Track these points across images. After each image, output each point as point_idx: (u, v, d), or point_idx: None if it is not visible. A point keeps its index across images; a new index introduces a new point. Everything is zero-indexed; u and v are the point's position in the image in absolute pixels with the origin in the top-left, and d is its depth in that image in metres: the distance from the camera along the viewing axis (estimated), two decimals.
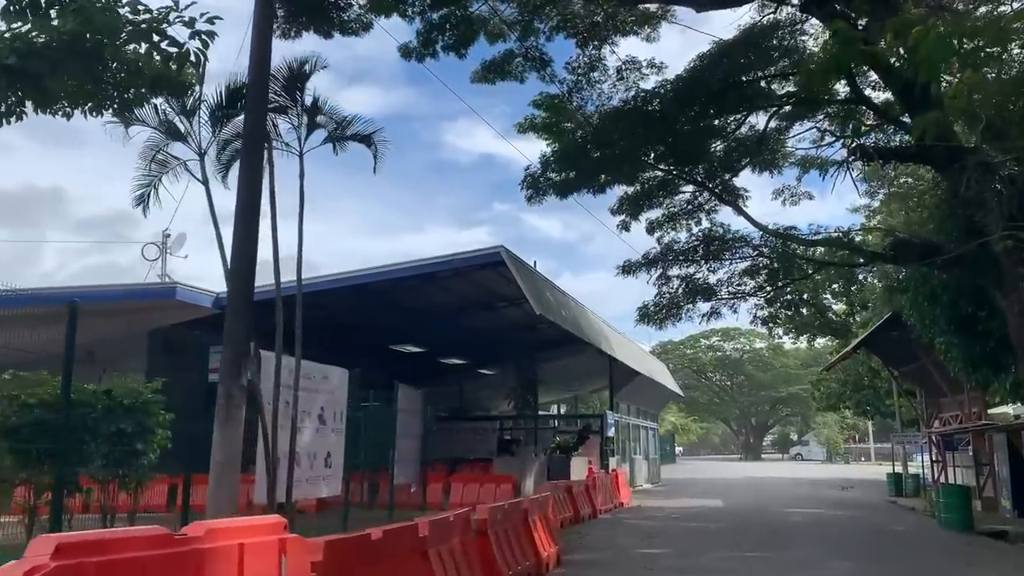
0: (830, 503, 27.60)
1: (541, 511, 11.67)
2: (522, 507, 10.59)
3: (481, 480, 21.25)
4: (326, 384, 13.93)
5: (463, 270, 21.13)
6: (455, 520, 7.91)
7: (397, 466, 17.97)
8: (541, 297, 20.39)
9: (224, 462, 7.21)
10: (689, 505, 25.97)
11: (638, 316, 21.49)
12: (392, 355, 28.86)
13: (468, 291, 23.61)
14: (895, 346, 28.62)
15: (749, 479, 46.75)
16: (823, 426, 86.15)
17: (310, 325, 24.48)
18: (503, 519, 9.43)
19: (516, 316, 25.81)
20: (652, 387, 37.96)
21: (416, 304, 24.14)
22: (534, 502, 11.29)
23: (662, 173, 22.03)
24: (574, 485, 19.07)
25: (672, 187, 22.71)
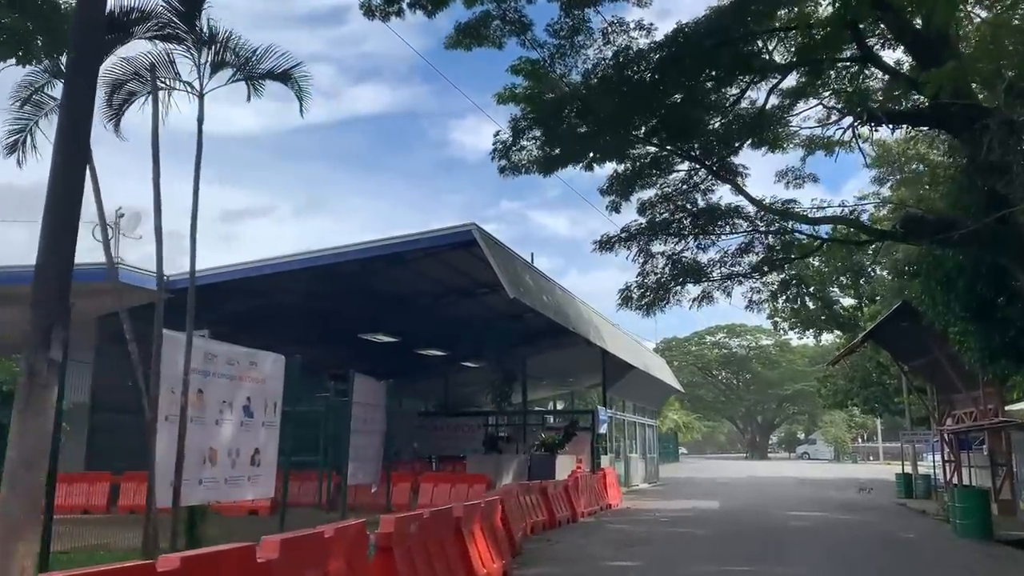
0: (835, 505, 25.80)
1: (484, 520, 9.90)
2: (452, 515, 8.80)
3: (453, 480, 19.51)
4: (254, 372, 12.20)
5: (433, 250, 19.42)
6: (335, 536, 6.10)
7: (353, 464, 16.24)
8: (517, 280, 18.65)
9: (22, 459, 5.49)
10: (682, 507, 24.20)
11: (620, 300, 19.71)
12: (366, 346, 27.16)
13: (444, 275, 21.87)
14: (905, 339, 26.84)
15: (752, 479, 44.93)
16: (830, 425, 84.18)
17: (268, 311, 22.94)
18: (420, 532, 7.63)
19: (499, 304, 24.06)
20: (649, 382, 36.15)
21: (388, 290, 22.46)
22: (472, 509, 9.49)
23: (655, 149, 20.23)
24: (550, 486, 17.32)
25: (666, 165, 20.83)
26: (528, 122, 17.13)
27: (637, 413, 38.31)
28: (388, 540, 6.84)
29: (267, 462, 12.42)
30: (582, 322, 25.18)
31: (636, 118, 18.81)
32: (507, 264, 18.47)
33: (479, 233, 17.69)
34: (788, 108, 20.74)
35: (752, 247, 18.95)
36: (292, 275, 19.79)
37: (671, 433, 71.74)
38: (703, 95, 19.25)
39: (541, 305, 20.13)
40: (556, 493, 17.65)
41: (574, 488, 19.56)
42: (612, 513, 21.64)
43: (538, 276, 21.82)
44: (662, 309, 19.47)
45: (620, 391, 34.01)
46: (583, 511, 19.72)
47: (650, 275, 19.17)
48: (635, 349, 34.26)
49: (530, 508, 15.52)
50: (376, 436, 17.66)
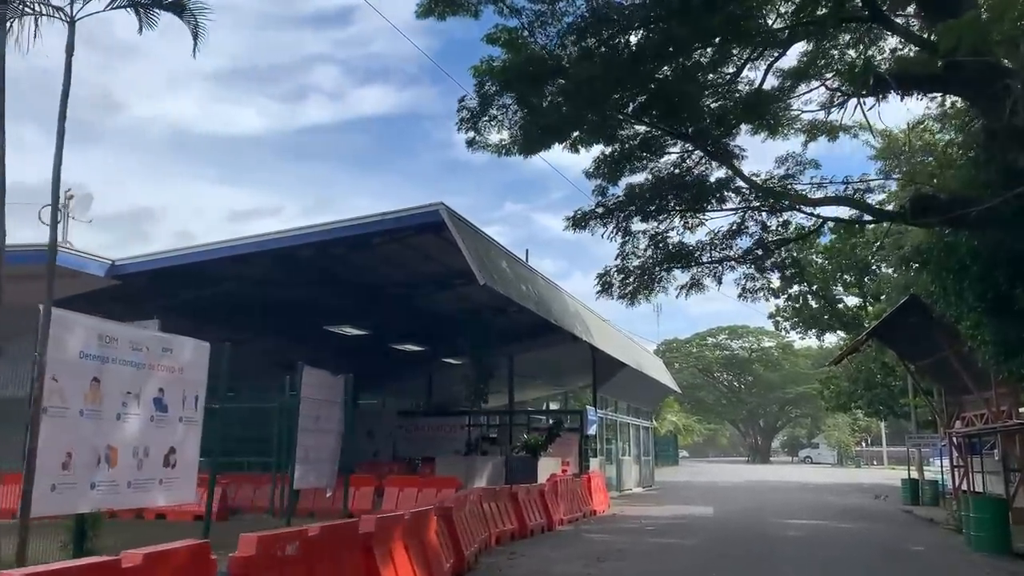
0: (836, 512, 24.21)
1: (411, 535, 8.27)
2: (356, 531, 7.18)
3: (421, 484, 17.95)
4: (169, 359, 10.65)
5: (399, 233, 17.88)
6: (145, 566, 4.51)
7: (303, 466, 14.70)
8: (490, 266, 17.11)
9: None
10: (673, 513, 22.63)
11: (599, 286, 18.11)
12: (338, 340, 25.64)
13: (415, 263, 20.32)
14: (912, 336, 25.23)
15: (751, 483, 43.33)
16: (834, 428, 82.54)
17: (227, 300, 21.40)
18: (303, 554, 6.01)
19: (479, 297, 22.53)
20: (644, 382, 34.54)
21: (355, 278, 20.96)
22: (389, 523, 7.83)
23: (644, 128, 18.65)
24: (521, 491, 15.75)
25: (657, 147, 19.17)
26: (499, 86, 15.44)
27: (631, 414, 36.71)
28: (245, 568, 5.23)
29: (186, 463, 10.86)
30: (568, 316, 23.63)
31: (622, 92, 17.25)
32: (478, 248, 16.93)
33: (447, 213, 16.14)
34: (789, 90, 19.18)
35: (745, 228, 17.35)
36: (248, 260, 18.27)
37: (670, 435, 70.07)
38: (695, 69, 17.72)
39: (519, 295, 18.58)
40: (529, 499, 16.09)
41: (552, 493, 18.01)
42: (596, 520, 20.08)
43: (517, 264, 20.27)
44: (647, 298, 17.88)
45: (612, 391, 32.43)
46: (562, 518, 18.17)
47: (631, 256, 17.55)
48: (628, 347, 32.68)
49: (495, 516, 13.98)
50: (331, 435, 16.11)
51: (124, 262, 18.23)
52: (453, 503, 10.84)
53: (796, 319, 48.49)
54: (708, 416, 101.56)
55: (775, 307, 50.11)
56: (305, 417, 14.91)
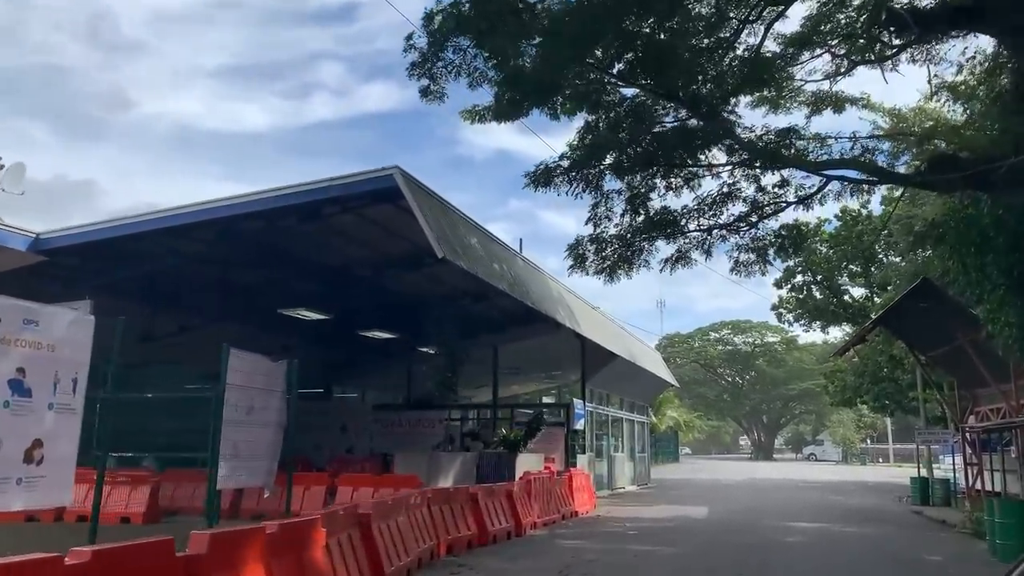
0: (841, 514, 22.35)
1: (277, 556, 6.22)
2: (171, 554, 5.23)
3: (377, 483, 16.07)
4: (32, 334, 8.81)
5: (351, 203, 16.02)
6: None
7: (230, 463, 12.88)
8: (453, 239, 15.24)
9: None
10: (663, 515, 20.77)
11: (571, 259, 16.22)
12: (306, 328, 23.84)
13: (377, 239, 18.44)
14: (923, 324, 23.39)
15: (752, 481, 41.44)
16: (838, 424, 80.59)
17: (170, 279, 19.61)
18: None
19: (455, 280, 20.76)
20: (638, 374, 32.64)
21: (310, 256, 19.16)
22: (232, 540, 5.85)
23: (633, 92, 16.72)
24: (482, 492, 13.87)
25: (648, 117, 17.19)
26: (450, 21, 13.34)
27: (624, 408, 34.81)
28: None
29: (57, 459, 8.99)
30: (549, 301, 21.76)
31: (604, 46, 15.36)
32: (439, 218, 15.06)
33: (402, 178, 14.28)
34: (791, 59, 17.23)
35: (737, 191, 15.42)
36: (188, 234, 16.46)
37: (670, 432, 68.16)
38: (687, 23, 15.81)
39: (489, 273, 16.70)
40: (492, 500, 14.22)
41: (523, 493, 16.17)
42: (576, 523, 18.21)
43: (492, 243, 18.38)
44: (627, 273, 15.97)
45: (604, 383, 30.53)
46: (535, 521, 16.33)
47: (603, 221, 15.62)
48: (619, 336, 30.80)
49: (448, 521, 12.13)
50: (269, 428, 14.22)
51: (49, 235, 16.40)
52: (373, 509, 8.96)
53: (800, 311, 46.55)
54: (710, 412, 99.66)
55: (778, 298, 48.24)
56: (234, 408, 13.03)
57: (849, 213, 41.40)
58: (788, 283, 45.55)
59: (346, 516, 8.27)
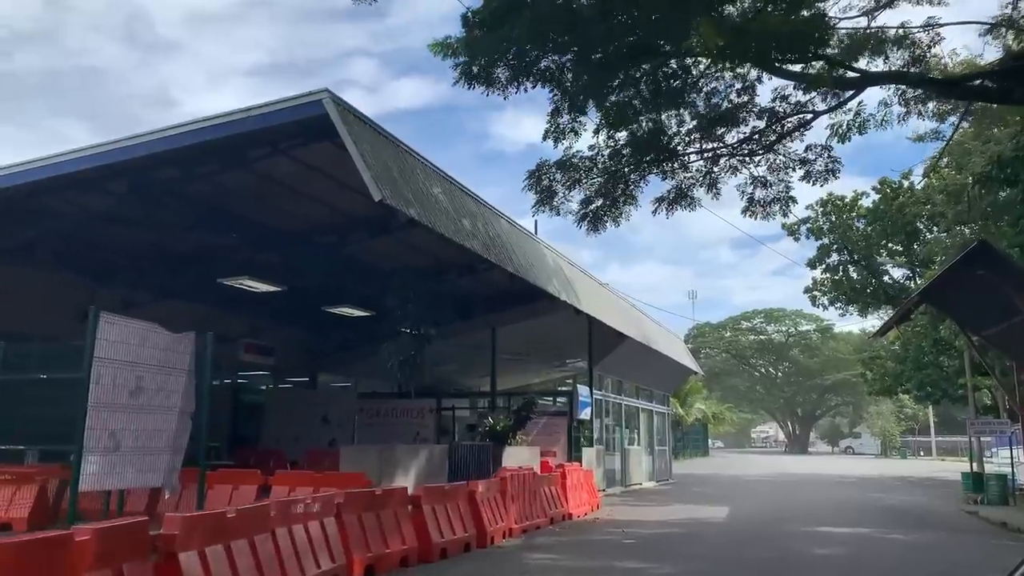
0: (881, 515, 19.31)
1: None
2: None
3: (318, 482, 13.28)
4: None
5: (280, 141, 13.19)
6: None
7: (104, 458, 10.19)
8: (400, 182, 12.40)
9: None
10: (674, 518, 17.83)
11: (533, 191, 13.28)
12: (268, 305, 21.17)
13: (334, 196, 15.53)
14: (977, 297, 20.18)
15: (783, 477, 38.22)
16: (877, 416, 76.83)
17: (91, 247, 17.03)
18: None
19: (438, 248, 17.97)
20: (655, 359, 29.59)
21: (246, 214, 16.39)
22: None
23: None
24: (429, 494, 11.02)
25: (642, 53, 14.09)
26: None
27: (641, 397, 31.80)
28: None
29: None
30: (542, 271, 18.89)
31: None
32: (380, 153, 12.24)
33: (333, 104, 11.48)
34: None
35: (748, 106, 12.27)
36: (91, 185, 13.75)
37: (698, 424, 64.89)
38: None
39: (454, 229, 13.84)
40: (446, 504, 11.37)
41: (497, 494, 13.32)
42: (565, 529, 15.31)
43: (462, 194, 15.49)
44: (614, 219, 13.01)
45: (616, 369, 27.56)
46: (510, 528, 13.49)
47: (569, 135, 12.51)
48: (631, 317, 27.78)
49: (366, 534, 9.28)
50: (171, 415, 11.52)
51: None
52: (181, 528, 6.09)
53: (835, 293, 43.16)
54: (741, 404, 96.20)
55: (812, 280, 44.90)
56: (111, 389, 10.33)
57: (888, 185, 38.03)
58: (822, 263, 42.24)
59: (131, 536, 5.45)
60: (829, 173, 12.92)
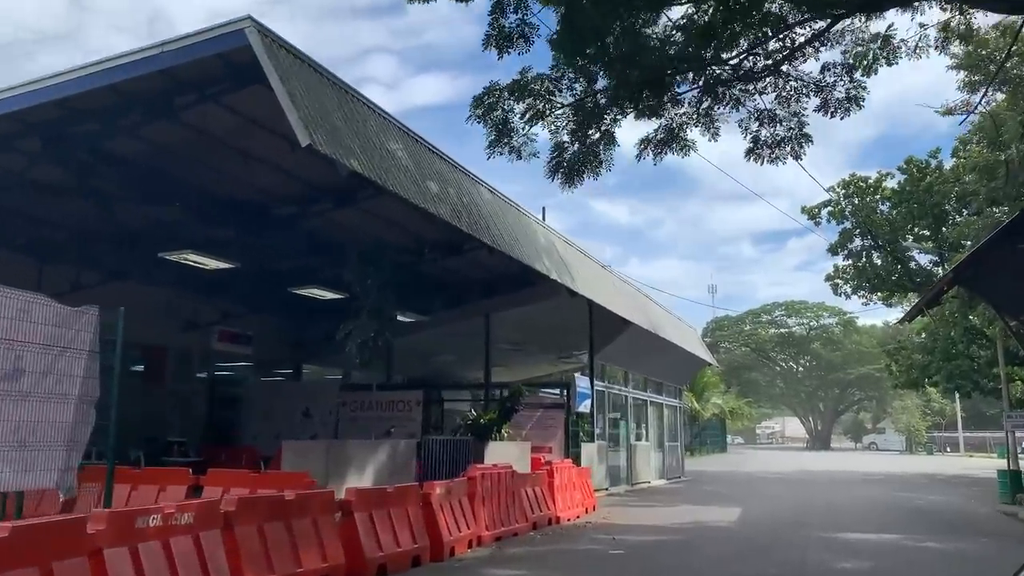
0: (911, 518, 17.31)
1: None
2: None
3: (256, 482, 11.44)
4: None
5: (207, 86, 11.32)
6: None
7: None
8: (341, 130, 10.52)
9: None
10: (677, 522, 15.88)
11: (483, 123, 11.32)
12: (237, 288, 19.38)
13: (284, 159, 13.60)
14: (1016, 277, 18.23)
15: (804, 474, 36.09)
16: (902, 411, 74.29)
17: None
18: None
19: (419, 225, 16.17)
20: (665, 349, 27.55)
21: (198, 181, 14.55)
22: None
23: None
24: (364, 497, 9.13)
25: None
26: None
27: (650, 389, 29.79)
28: None
29: None
30: (530, 246, 16.99)
31: None
32: (314, 91, 10.36)
33: (257, 34, 9.62)
34: None
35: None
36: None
37: (715, 420, 62.68)
38: None
39: (414, 191, 11.95)
40: (390, 510, 9.47)
41: (462, 497, 11.44)
42: (548, 535, 13.38)
43: (433, 155, 13.58)
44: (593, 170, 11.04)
45: (620, 358, 25.59)
46: (480, 535, 11.61)
47: (518, 42, 10.45)
48: (637, 303, 25.77)
49: (268, 550, 7.40)
50: (66, 405, 9.67)
51: None
52: None
53: (858, 280, 40.88)
54: (761, 399, 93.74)
55: (833, 268, 42.63)
56: None
57: (915, 164, 35.78)
58: (844, 248, 39.96)
59: None
60: (851, 102, 10.75)
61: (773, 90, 10.94)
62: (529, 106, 11.08)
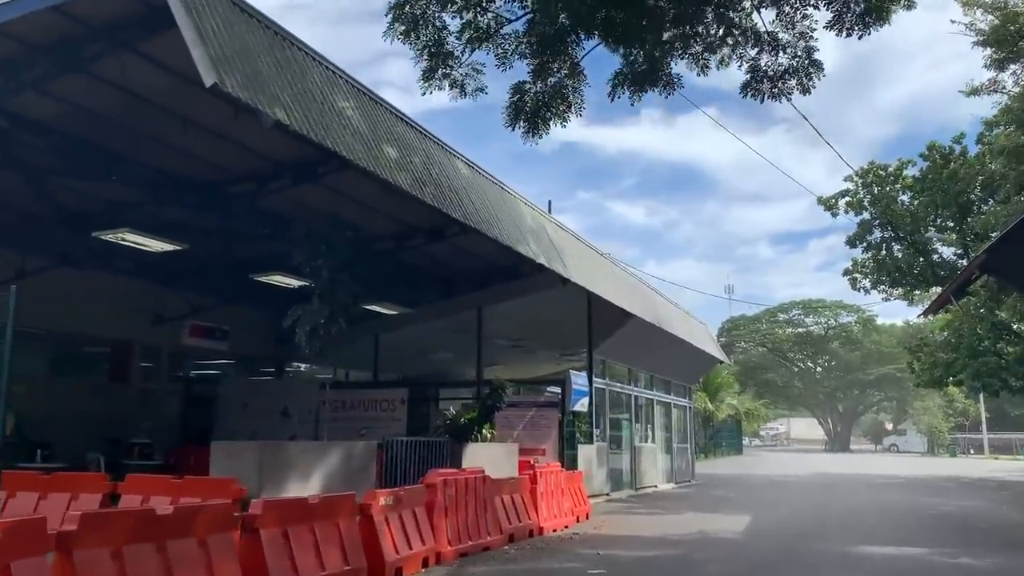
0: (939, 526, 15.57)
1: None
2: None
3: (178, 490, 9.85)
4: None
5: (117, 30, 9.74)
6: None
7: None
8: (266, 76, 8.95)
9: None
10: (678, 532, 14.19)
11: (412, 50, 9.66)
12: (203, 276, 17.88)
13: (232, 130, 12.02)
14: None
15: (820, 478, 34.28)
16: (923, 412, 72.06)
17: None
18: None
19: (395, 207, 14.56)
20: (671, 344, 25.82)
21: (131, 153, 12.99)
22: None
23: None
24: (273, 513, 7.48)
25: None
26: None
27: (656, 387, 28.07)
28: None
29: None
30: (512, 227, 15.37)
31: None
32: (232, 28, 8.77)
33: None
34: None
35: None
36: None
37: (730, 421, 60.76)
38: None
39: (354, 150, 10.31)
40: (314, 527, 7.85)
41: (417, 508, 9.82)
42: (521, 551, 11.70)
43: (384, 113, 11.93)
44: (560, 116, 9.41)
45: (623, 354, 23.89)
46: (440, 552, 10.00)
47: None
48: (640, 294, 24.04)
49: None
50: None
51: None
52: None
53: (878, 274, 38.94)
54: (778, 400, 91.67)
55: (851, 262, 40.68)
56: None
57: (938, 150, 33.87)
58: (863, 240, 38.04)
59: None
60: (871, 16, 8.84)
61: (772, 4, 9.14)
62: (467, 23, 9.41)
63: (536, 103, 9.75)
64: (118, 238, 13.61)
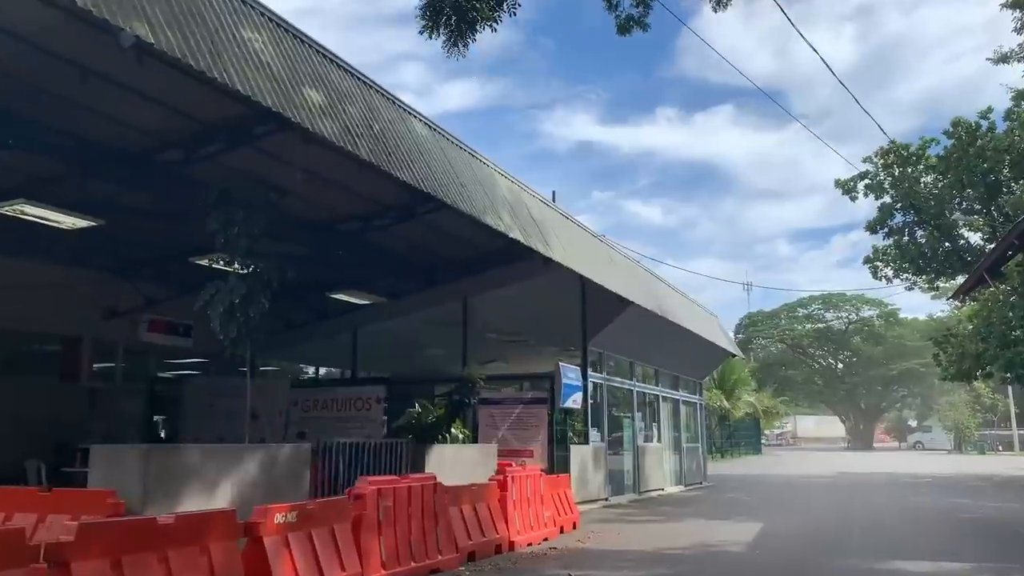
0: (980, 537, 13.55)
1: None
2: None
3: (47, 505, 7.96)
4: None
5: None
6: None
7: None
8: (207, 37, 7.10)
9: None
10: (674, 546, 12.22)
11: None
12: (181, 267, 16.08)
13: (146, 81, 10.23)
14: None
15: (844, 478, 32.16)
16: (949, 408, 69.42)
17: None
18: None
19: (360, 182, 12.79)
20: (676, 335, 23.76)
21: (48, 121, 11.19)
22: None
23: None
24: (97, 537, 5.63)
25: None
26: None
27: (662, 383, 26.03)
28: None
29: None
30: (480, 195, 13.48)
31: None
32: None
33: None
34: None
35: None
36: None
37: (749, 419, 58.47)
38: None
39: (260, 86, 8.46)
40: (166, 555, 5.97)
41: (339, 527, 7.94)
42: (478, 572, 9.77)
43: (313, 55, 10.06)
44: (487, 18, 7.52)
45: (622, 346, 21.86)
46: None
47: None
48: (639, 279, 22.03)
49: None
50: None
51: None
52: None
53: (900, 261, 36.74)
54: (798, 397, 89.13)
55: (872, 249, 38.49)
56: None
57: (963, 127, 31.65)
58: (884, 226, 35.88)
59: None
60: None
61: None
62: None
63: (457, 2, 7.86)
64: (16, 211, 11.75)
